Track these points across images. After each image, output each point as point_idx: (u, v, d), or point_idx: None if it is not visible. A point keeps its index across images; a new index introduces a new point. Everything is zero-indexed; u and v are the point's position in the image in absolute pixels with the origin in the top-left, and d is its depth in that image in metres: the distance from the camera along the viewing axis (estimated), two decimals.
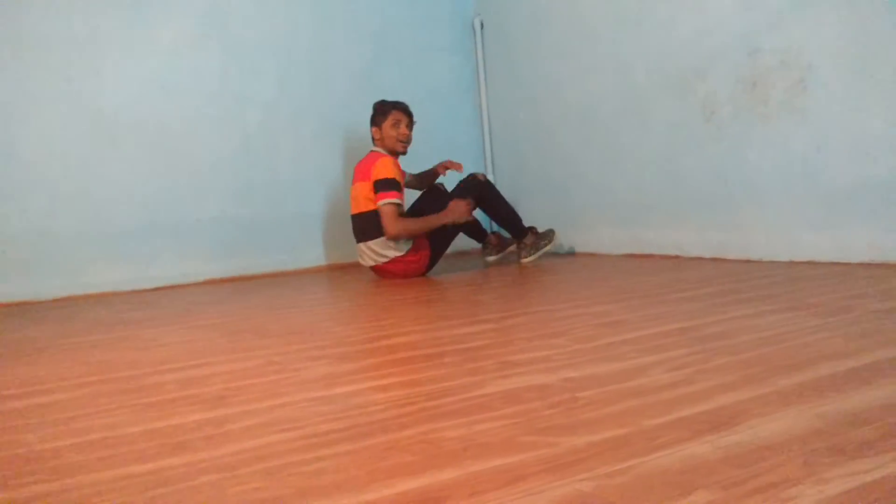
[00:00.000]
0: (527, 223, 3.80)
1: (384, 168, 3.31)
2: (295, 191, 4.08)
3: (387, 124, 3.41)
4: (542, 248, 3.63)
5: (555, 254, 3.89)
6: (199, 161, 3.85)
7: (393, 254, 3.35)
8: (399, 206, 3.29)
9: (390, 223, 3.26)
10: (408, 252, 3.36)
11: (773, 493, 0.83)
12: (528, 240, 3.63)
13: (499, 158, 4.53)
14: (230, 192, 3.92)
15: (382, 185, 3.28)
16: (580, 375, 1.42)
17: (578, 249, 3.97)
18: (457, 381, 1.45)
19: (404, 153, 3.49)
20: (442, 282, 3.19)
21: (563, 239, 4.01)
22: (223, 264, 3.89)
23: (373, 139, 3.49)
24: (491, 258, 3.82)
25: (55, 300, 3.48)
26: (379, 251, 3.36)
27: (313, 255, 4.14)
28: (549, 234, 3.67)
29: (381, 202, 3.27)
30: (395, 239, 3.29)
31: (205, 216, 3.86)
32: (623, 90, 3.62)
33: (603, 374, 1.42)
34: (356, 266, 4.14)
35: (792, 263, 2.89)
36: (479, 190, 3.50)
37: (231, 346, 2.01)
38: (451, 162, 3.69)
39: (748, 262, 3.05)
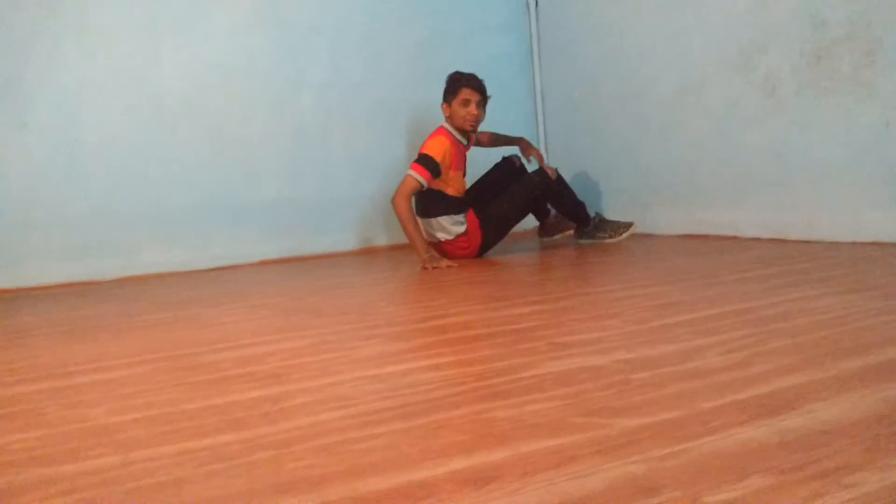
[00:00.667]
0: (582, 196, 3.74)
1: (433, 145, 3.29)
2: (349, 172, 4.10)
3: (456, 102, 3.34)
4: (603, 235, 3.59)
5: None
6: (254, 143, 3.90)
7: (443, 236, 3.35)
8: (420, 184, 3.24)
9: (400, 195, 3.22)
10: (458, 237, 3.36)
11: (833, 479, 0.81)
12: (589, 227, 3.61)
13: (552, 137, 4.48)
14: (284, 174, 3.97)
15: (420, 159, 3.27)
16: (634, 357, 1.41)
17: (634, 231, 3.91)
18: (508, 361, 1.45)
19: (474, 131, 3.44)
20: (495, 263, 3.18)
21: (617, 216, 3.95)
22: (277, 245, 3.95)
23: (443, 114, 3.43)
24: (545, 239, 3.81)
25: (116, 280, 3.58)
26: (430, 231, 3.36)
27: (366, 236, 4.16)
28: (625, 225, 3.61)
29: (409, 171, 3.27)
30: (394, 208, 3.26)
31: (259, 198, 3.91)
32: (680, 67, 3.54)
33: (657, 356, 1.40)
34: (408, 247, 4.16)
35: (855, 244, 2.80)
36: (542, 190, 3.47)
37: (286, 325, 2.05)
38: (537, 152, 3.66)
39: (808, 242, 2.97)
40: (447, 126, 3.39)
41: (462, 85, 3.32)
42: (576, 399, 1.17)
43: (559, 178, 3.50)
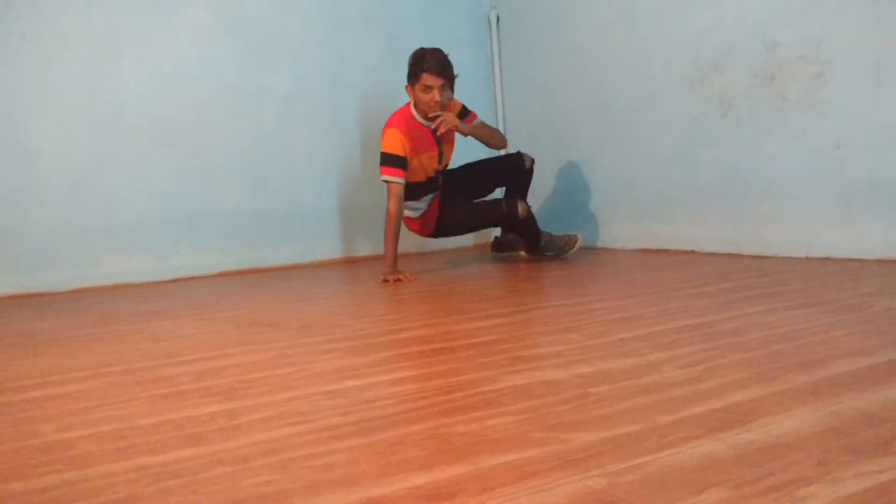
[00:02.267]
0: (542, 218, 3.77)
1: (387, 143, 3.24)
2: (310, 184, 4.08)
3: (418, 87, 3.22)
4: (550, 254, 3.56)
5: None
6: (215, 154, 3.85)
7: (408, 213, 3.48)
8: (401, 184, 3.22)
9: (392, 202, 3.21)
10: (416, 218, 3.51)
11: (787, 492, 0.83)
12: (539, 247, 3.56)
13: (513, 150, 4.51)
14: (245, 185, 3.93)
15: (383, 160, 3.24)
16: (592, 371, 1.42)
17: (593, 245, 3.95)
18: (468, 375, 1.45)
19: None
20: (456, 277, 3.19)
21: (577, 232, 3.99)
22: (238, 256, 3.90)
23: (408, 96, 3.34)
24: (496, 254, 3.84)
25: (72, 291, 3.51)
26: None
27: (327, 247, 4.13)
28: (569, 241, 3.54)
29: (382, 177, 3.24)
30: (390, 216, 3.21)
31: (219, 209, 3.86)
32: (639, 84, 3.59)
33: (615, 370, 1.42)
34: (370, 259, 4.14)
35: (808, 259, 2.87)
36: (506, 223, 3.49)
37: (244, 339, 2.02)
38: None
39: (764, 257, 3.03)
40: (412, 110, 3.31)
41: (422, 70, 3.19)
42: (535, 413, 1.18)
43: (529, 214, 3.41)
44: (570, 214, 4.04)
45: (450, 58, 3.25)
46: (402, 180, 3.23)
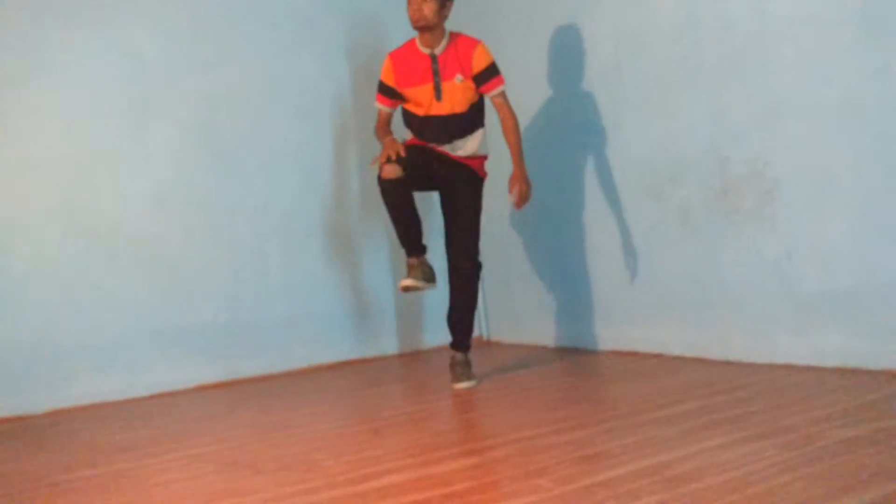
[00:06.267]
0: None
1: (382, 69, 3.28)
2: (285, 292, 4.15)
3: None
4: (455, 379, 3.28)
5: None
6: (190, 267, 3.92)
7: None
8: (380, 109, 3.30)
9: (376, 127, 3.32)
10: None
11: None
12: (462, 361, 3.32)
13: (486, 248, 4.64)
14: (220, 297, 3.99)
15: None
16: None
17: (562, 344, 4.04)
18: None
19: (422, 31, 3.14)
20: (427, 396, 3.26)
21: (546, 330, 4.09)
22: (214, 369, 3.94)
23: None
24: (461, 385, 3.23)
25: (48, 413, 3.52)
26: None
27: (302, 354, 4.18)
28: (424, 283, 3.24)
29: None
30: None
31: (195, 321, 3.92)
32: (600, 193, 3.73)
33: None
34: (342, 365, 4.20)
35: (771, 366, 2.97)
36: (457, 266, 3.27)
37: (224, 487, 2.08)
38: (520, 192, 3.21)
39: (729, 363, 3.13)
40: (417, 38, 3.21)
41: None
42: None
43: (475, 273, 3.31)
44: (540, 313, 4.14)
45: None
46: (384, 107, 3.30)
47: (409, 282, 3.18)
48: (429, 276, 3.23)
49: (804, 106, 2.85)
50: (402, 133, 3.41)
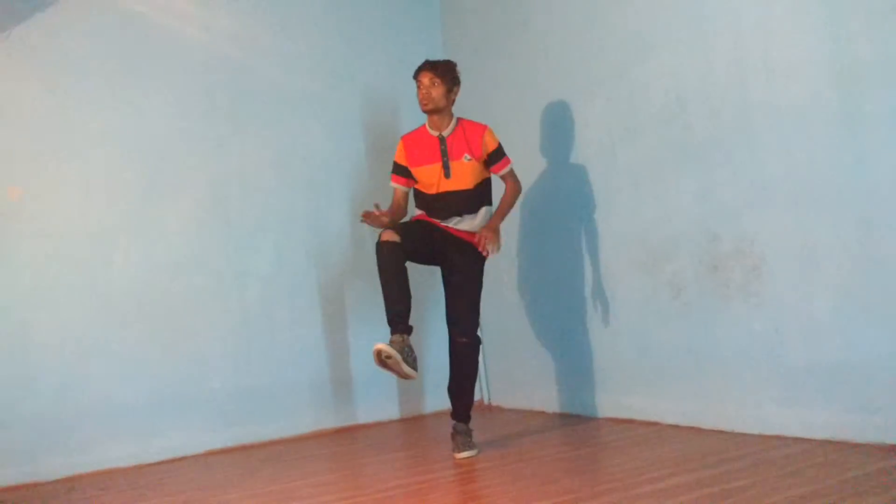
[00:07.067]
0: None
1: (396, 151, 3.49)
2: (294, 357, 4.27)
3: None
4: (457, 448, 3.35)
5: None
6: (200, 335, 4.05)
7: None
8: (395, 189, 3.50)
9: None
10: None
11: None
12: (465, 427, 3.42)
13: (486, 318, 4.76)
14: (230, 363, 4.11)
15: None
16: None
17: (560, 410, 4.13)
18: None
19: (431, 114, 3.37)
20: (434, 458, 3.34)
21: (545, 396, 4.18)
22: (223, 435, 4.04)
23: None
24: (463, 455, 3.31)
25: (63, 480, 3.61)
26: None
27: (313, 419, 4.28)
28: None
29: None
30: None
31: (205, 388, 4.03)
32: (597, 266, 3.86)
33: None
34: (348, 430, 4.29)
35: (762, 437, 3.05)
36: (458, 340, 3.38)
37: None
38: (490, 243, 3.28)
39: (723, 433, 3.22)
40: (427, 121, 3.44)
41: (414, 78, 3.40)
42: None
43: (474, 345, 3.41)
44: (538, 381, 4.24)
45: None
46: (399, 186, 3.48)
47: (383, 345, 3.01)
48: (407, 357, 3.08)
49: (789, 188, 3.00)
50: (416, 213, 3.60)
